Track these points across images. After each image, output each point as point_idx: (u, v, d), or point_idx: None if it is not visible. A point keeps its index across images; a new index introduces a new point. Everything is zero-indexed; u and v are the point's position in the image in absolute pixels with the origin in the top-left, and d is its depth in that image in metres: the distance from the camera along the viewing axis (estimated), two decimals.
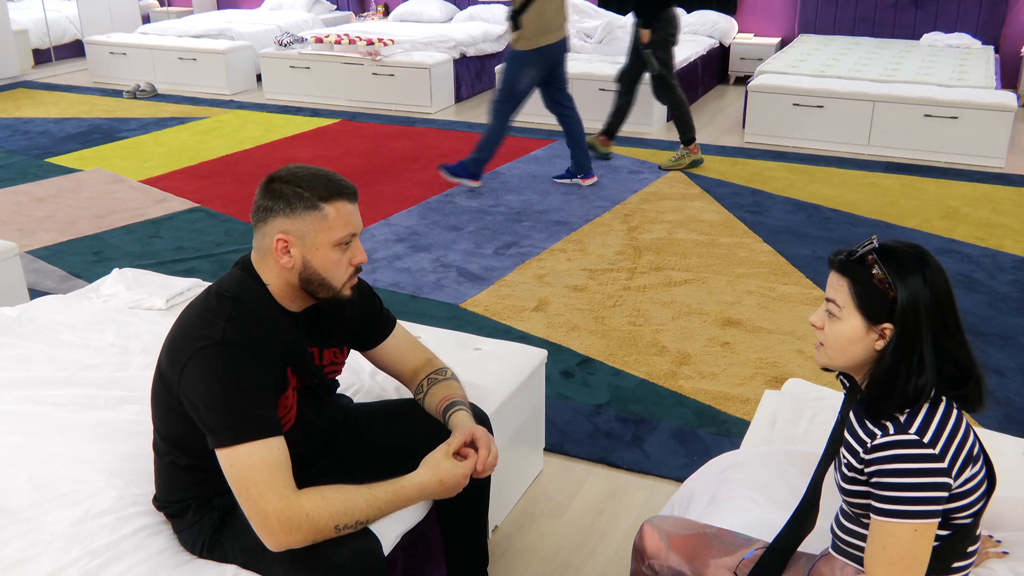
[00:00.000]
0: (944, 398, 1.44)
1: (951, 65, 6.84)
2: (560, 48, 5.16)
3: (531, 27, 4.99)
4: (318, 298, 1.75)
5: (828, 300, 1.49)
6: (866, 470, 1.44)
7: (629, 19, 8.01)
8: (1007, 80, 7.69)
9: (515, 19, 4.99)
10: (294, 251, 1.68)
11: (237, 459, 1.57)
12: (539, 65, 5.12)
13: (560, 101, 5.33)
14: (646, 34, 5.57)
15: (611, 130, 6.05)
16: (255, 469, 1.57)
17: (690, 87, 7.56)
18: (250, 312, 1.67)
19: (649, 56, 5.64)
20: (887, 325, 1.42)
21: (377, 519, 1.68)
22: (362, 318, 1.93)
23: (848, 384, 1.57)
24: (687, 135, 5.81)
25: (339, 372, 1.94)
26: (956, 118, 5.94)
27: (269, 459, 1.58)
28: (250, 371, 1.61)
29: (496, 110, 5.23)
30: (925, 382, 1.41)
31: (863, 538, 1.51)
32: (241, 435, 1.57)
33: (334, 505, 1.60)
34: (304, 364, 1.75)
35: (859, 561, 1.53)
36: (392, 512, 1.72)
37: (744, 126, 6.59)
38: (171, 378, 1.65)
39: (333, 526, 1.60)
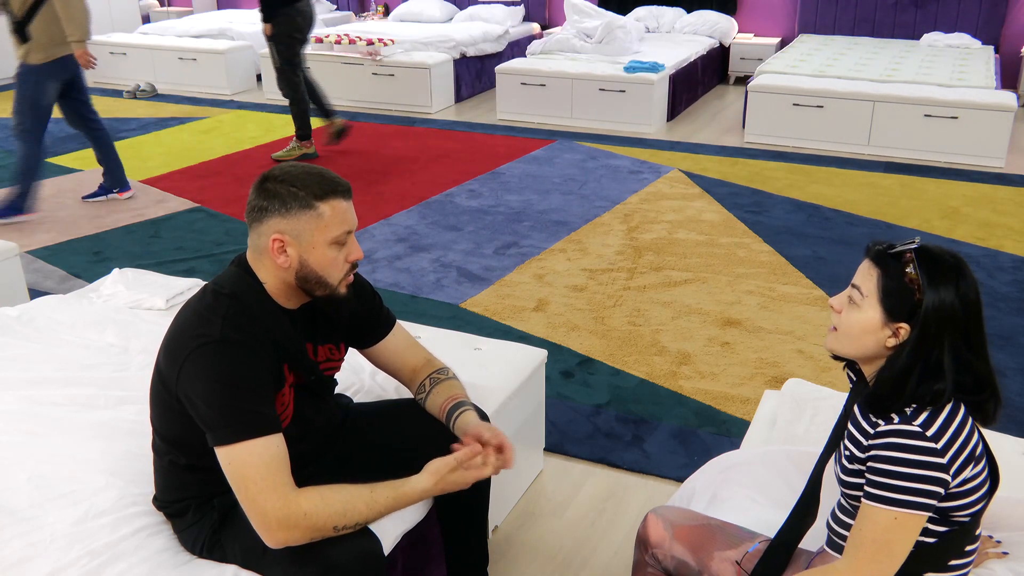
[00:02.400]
0: (953, 398, 1.44)
1: (951, 65, 6.84)
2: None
3: (43, 37, 4.64)
4: (315, 296, 1.75)
5: (853, 286, 1.48)
6: (865, 456, 1.44)
7: (629, 19, 8.03)
8: (1007, 80, 7.69)
9: (21, 31, 4.63)
10: (290, 250, 1.68)
11: (236, 457, 1.57)
12: (58, 77, 4.78)
13: (86, 115, 5.06)
14: (267, 27, 5.72)
15: (327, 110, 6.12)
16: (254, 467, 1.57)
17: (690, 87, 7.57)
18: (247, 309, 1.67)
19: (272, 48, 5.81)
20: (903, 325, 1.42)
21: (376, 520, 1.68)
22: (361, 316, 1.93)
23: (855, 378, 1.56)
24: (302, 131, 6.05)
25: (337, 369, 1.94)
26: (956, 118, 5.94)
27: (267, 456, 1.58)
28: (248, 368, 1.61)
29: (24, 134, 4.79)
30: (943, 388, 1.40)
31: None
32: (240, 433, 1.57)
33: (333, 506, 1.60)
34: (301, 361, 1.75)
35: None
36: (391, 513, 1.72)
37: (744, 126, 6.59)
38: (169, 377, 1.65)
39: (332, 526, 1.60)
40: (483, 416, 2.01)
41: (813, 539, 1.65)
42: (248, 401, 1.59)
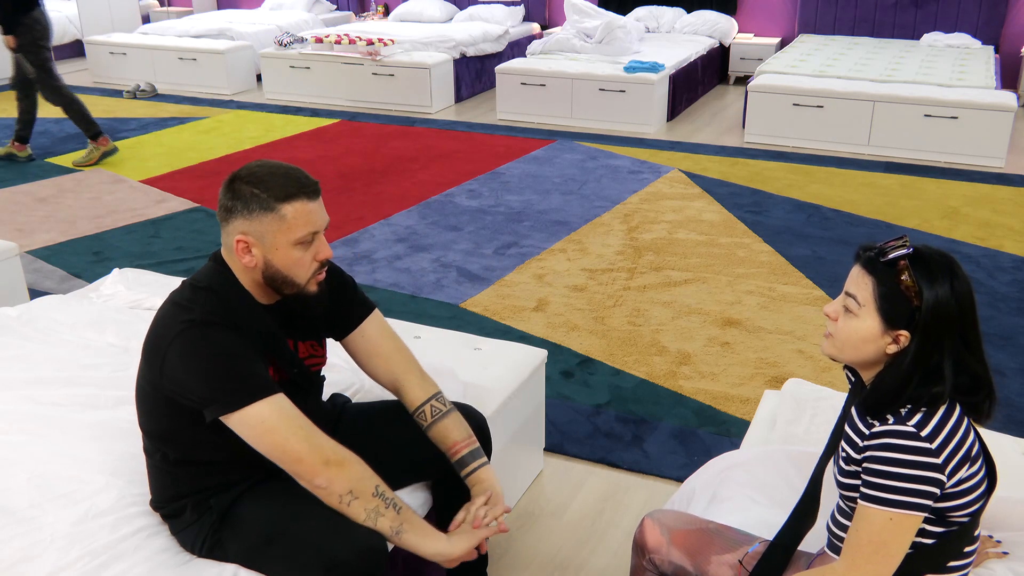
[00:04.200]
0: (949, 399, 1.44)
1: (951, 65, 6.84)
2: None
3: None
4: (284, 294, 1.75)
5: (848, 295, 1.47)
6: (860, 457, 1.44)
7: (629, 19, 8.03)
8: (1007, 80, 7.69)
9: None
10: (255, 251, 1.68)
11: (251, 417, 1.58)
12: None
13: None
14: (9, 40, 5.58)
15: (24, 135, 6.02)
16: (274, 418, 1.58)
17: (690, 87, 7.57)
18: (226, 303, 1.68)
19: (21, 60, 5.69)
20: (903, 332, 1.41)
21: (392, 510, 1.65)
22: (333, 310, 1.89)
23: (853, 379, 1.56)
24: (90, 131, 5.93)
25: (322, 365, 1.92)
26: (956, 118, 5.94)
27: (289, 409, 1.60)
28: (237, 344, 1.63)
29: None
30: (941, 390, 1.40)
31: None
32: (246, 396, 1.58)
33: (368, 468, 1.64)
34: (282, 354, 1.75)
35: None
36: (408, 534, 1.68)
37: (744, 126, 6.59)
38: (153, 367, 1.65)
39: (375, 485, 1.63)
40: (478, 417, 2.01)
41: (814, 541, 1.65)
42: (245, 369, 1.61)
